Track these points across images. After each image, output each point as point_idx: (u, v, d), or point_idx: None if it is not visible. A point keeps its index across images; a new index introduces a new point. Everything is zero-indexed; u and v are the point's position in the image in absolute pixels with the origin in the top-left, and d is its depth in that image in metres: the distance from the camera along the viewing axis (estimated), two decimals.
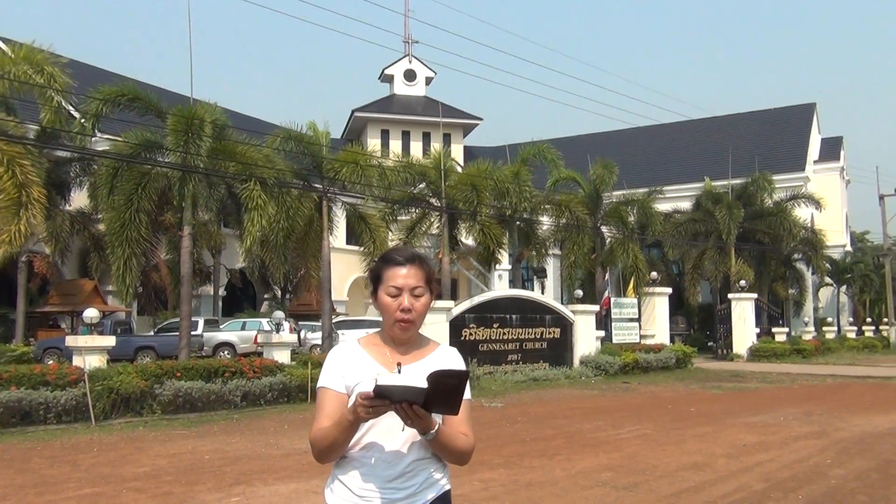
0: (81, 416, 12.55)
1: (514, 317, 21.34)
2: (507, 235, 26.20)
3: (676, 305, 34.51)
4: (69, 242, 25.56)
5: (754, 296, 32.21)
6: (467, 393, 2.19)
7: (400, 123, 45.81)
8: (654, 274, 29.24)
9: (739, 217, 33.45)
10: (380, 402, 2.00)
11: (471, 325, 20.31)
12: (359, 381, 2.23)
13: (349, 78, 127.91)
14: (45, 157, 21.57)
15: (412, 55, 48.40)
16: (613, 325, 25.70)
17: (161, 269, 26.27)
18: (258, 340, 21.29)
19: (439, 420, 2.16)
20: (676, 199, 38.13)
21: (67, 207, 25.37)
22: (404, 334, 2.30)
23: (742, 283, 31.70)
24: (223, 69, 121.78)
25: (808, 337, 35.81)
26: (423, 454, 2.25)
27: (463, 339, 19.59)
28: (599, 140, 48.80)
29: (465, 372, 2.07)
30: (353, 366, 2.29)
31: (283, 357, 16.84)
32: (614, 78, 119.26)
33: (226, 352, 23.55)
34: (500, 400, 16.00)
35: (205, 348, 23.42)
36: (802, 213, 37.67)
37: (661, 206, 33.25)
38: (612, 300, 26.35)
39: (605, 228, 29.86)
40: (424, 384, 1.96)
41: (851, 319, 45.92)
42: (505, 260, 28.80)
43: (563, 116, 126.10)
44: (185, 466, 8.80)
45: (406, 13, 48.14)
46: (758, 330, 32.67)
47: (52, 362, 16.83)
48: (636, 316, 26.76)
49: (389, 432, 2.21)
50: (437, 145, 29.90)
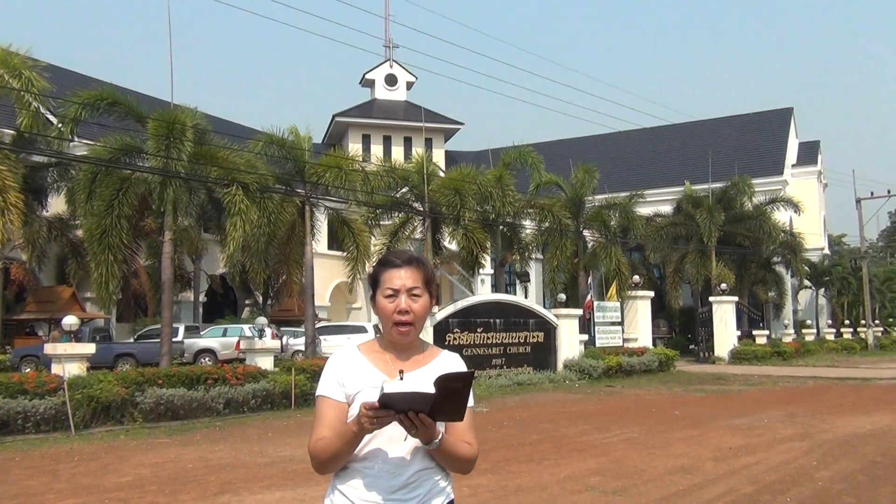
0: (61, 425, 12.35)
1: (497, 321, 21.32)
2: (491, 240, 26.18)
3: (658, 309, 34.67)
4: (46, 249, 25.23)
5: (735, 299, 32.45)
6: (470, 400, 2.13)
7: (381, 128, 45.72)
8: (636, 277, 29.36)
9: (720, 221, 33.70)
10: (385, 412, 1.94)
11: (455, 330, 20.27)
12: (359, 389, 2.17)
13: (330, 83, 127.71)
14: (21, 163, 21.24)
15: (393, 59, 48.35)
16: (596, 328, 25.74)
17: (140, 275, 25.99)
18: (240, 347, 21.09)
19: (442, 429, 2.11)
20: (657, 203, 38.36)
21: (45, 213, 25.03)
22: (403, 338, 2.24)
23: (723, 286, 31.92)
24: (203, 74, 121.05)
25: (787, 339, 36.11)
26: (427, 464, 2.19)
27: (447, 343, 19.52)
28: (581, 144, 48.98)
29: (470, 373, 2.02)
30: (352, 373, 2.22)
31: (266, 363, 16.68)
32: (596, 82, 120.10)
33: (207, 358, 23.30)
34: (486, 404, 15.95)
35: (185, 355, 23.16)
36: (781, 216, 38.04)
37: (643, 210, 33.41)
38: (595, 304, 26.40)
39: (587, 232, 29.94)
40: (432, 390, 1.91)
41: (830, 322, 46.37)
42: (488, 264, 28.78)
43: (545, 121, 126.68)
44: (168, 476, 8.65)
45: (387, 17, 48.16)
46: (739, 333, 32.90)
47: (29, 370, 16.59)
48: (619, 319, 26.83)
49: (392, 442, 2.15)
50: (418, 150, 29.81)
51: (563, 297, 25.44)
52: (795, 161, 47.97)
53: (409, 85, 48.61)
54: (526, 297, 31.86)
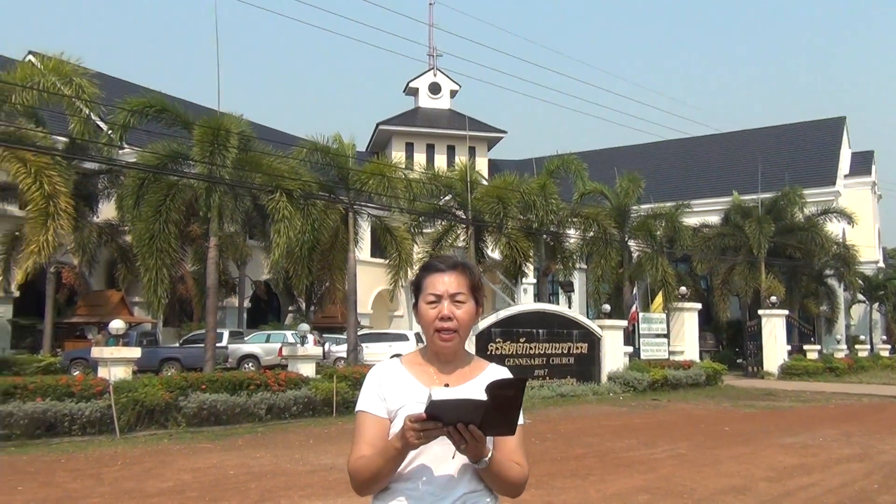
0: (106, 428, 12.47)
1: (540, 331, 21.04)
2: (534, 248, 25.90)
3: (704, 321, 33.91)
4: (96, 253, 25.74)
5: (785, 312, 31.52)
6: (521, 416, 1.96)
7: (424, 136, 45.77)
8: (683, 289, 28.77)
9: (770, 232, 32.85)
10: (432, 424, 1.79)
11: (497, 340, 20.05)
12: (402, 404, 2.03)
13: (374, 91, 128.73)
14: (73, 169, 21.72)
15: (437, 68, 48.43)
16: (641, 340, 25.25)
17: (187, 280, 26.35)
18: (282, 353, 21.20)
19: (491, 446, 1.95)
20: (704, 214, 37.61)
21: (95, 219, 25.55)
22: (446, 347, 2.08)
23: (773, 299, 31.06)
24: (248, 83, 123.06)
25: (840, 355, 34.94)
26: (476, 486, 2.03)
27: (489, 353, 19.31)
28: (625, 153, 48.37)
29: (522, 379, 1.86)
30: (394, 387, 2.08)
31: (308, 370, 16.69)
32: (641, 90, 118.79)
33: (250, 364, 23.46)
34: (528, 416, 15.61)
35: (229, 360, 23.37)
36: (834, 228, 36.90)
37: (689, 221, 32.78)
38: (640, 315, 25.90)
39: (632, 242, 29.46)
40: (483, 396, 1.77)
41: (885, 337, 44.79)
42: (531, 273, 28.48)
43: (589, 129, 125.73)
44: (209, 482, 8.63)
45: (431, 26, 48.29)
46: (789, 347, 31.98)
47: (78, 373, 16.85)
48: (665, 332, 26.28)
49: (437, 460, 1.99)
50: (462, 158, 29.73)
51: (607, 307, 25.04)
52: (848, 171, 46.59)
53: (453, 93, 48.63)
54: (570, 308, 31.45)
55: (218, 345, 19.82)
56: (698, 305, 29.04)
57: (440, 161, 43.35)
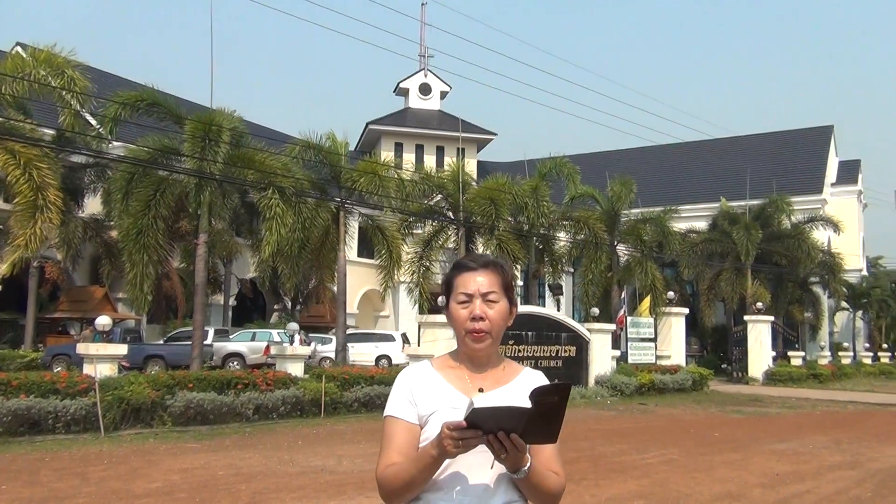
0: (91, 426, 12.26)
1: (529, 334, 20.96)
2: (524, 251, 25.86)
3: (690, 326, 34.02)
4: (81, 249, 25.43)
5: (771, 318, 31.67)
6: None
7: (414, 137, 45.64)
8: (671, 293, 28.83)
9: (757, 238, 33.01)
10: (472, 433, 1.68)
11: None
12: (434, 409, 1.93)
13: (364, 91, 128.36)
14: (60, 162, 21.42)
15: (428, 69, 48.33)
16: (629, 344, 25.26)
17: (172, 277, 26.07)
18: (269, 352, 21.00)
19: (529, 455, 1.85)
20: (692, 219, 37.78)
21: (80, 213, 25.23)
22: (478, 347, 1.99)
23: (759, 305, 31.21)
24: (240, 81, 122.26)
25: (823, 361, 35.20)
26: (513, 496, 1.92)
27: None
28: (615, 157, 48.48)
29: (567, 385, 1.75)
30: (426, 392, 1.97)
31: (296, 370, 16.51)
32: (632, 94, 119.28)
33: (235, 363, 23.23)
34: None
35: (214, 358, 23.13)
36: (820, 235, 37.19)
37: (677, 226, 32.89)
38: (628, 319, 25.92)
39: (621, 246, 29.50)
40: (523, 403, 1.67)
41: (867, 345, 45.21)
42: (520, 276, 28.45)
43: (578, 133, 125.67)
44: (198, 483, 8.47)
45: (422, 27, 48.18)
46: (773, 353, 32.14)
47: (60, 369, 16.60)
48: (652, 336, 26.31)
49: (472, 469, 1.89)
50: (451, 159, 29.66)
51: (596, 311, 25.05)
52: (835, 180, 46.98)
53: (443, 94, 48.55)
54: (558, 311, 31.44)
55: (204, 343, 19.59)
56: (685, 310, 29.14)
57: (429, 162, 43.21)
